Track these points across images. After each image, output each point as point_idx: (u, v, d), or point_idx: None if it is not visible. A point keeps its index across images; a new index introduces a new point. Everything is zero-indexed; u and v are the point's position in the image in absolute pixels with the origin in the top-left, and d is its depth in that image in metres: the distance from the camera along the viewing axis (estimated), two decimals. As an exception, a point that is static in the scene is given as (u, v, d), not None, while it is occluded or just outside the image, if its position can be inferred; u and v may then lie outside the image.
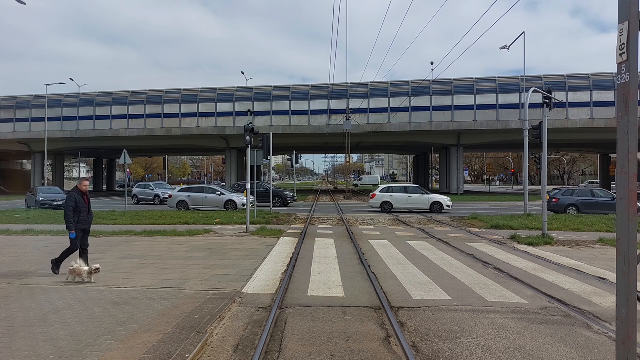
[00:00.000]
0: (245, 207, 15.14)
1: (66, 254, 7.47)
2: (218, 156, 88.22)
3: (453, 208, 23.00)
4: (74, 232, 7.23)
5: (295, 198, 30.24)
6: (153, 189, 31.33)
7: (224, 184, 53.34)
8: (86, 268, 6.86)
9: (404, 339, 4.40)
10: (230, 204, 23.07)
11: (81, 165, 79.76)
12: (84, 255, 7.47)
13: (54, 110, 45.10)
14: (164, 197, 28.71)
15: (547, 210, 21.76)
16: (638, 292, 2.65)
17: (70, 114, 45.24)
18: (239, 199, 23.03)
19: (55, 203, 24.99)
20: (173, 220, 17.00)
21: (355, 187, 70.35)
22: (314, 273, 7.69)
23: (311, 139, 44.95)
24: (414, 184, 67.03)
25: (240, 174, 47.50)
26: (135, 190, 32.22)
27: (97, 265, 6.94)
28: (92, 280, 6.84)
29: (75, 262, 6.99)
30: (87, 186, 7.70)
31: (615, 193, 24.98)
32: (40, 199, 25.23)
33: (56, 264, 7.46)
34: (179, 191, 25.08)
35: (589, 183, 66.92)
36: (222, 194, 23.82)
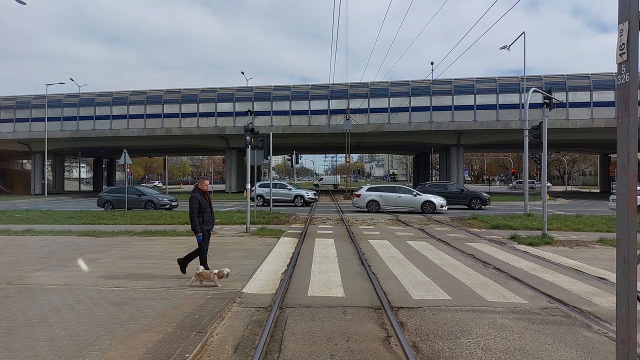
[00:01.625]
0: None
1: (193, 255, 7.30)
2: (218, 156, 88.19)
3: (453, 208, 22.98)
4: (200, 234, 7.02)
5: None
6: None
7: (155, 184, 53.13)
8: (216, 271, 6.60)
9: (404, 339, 4.40)
10: (427, 205, 21.97)
11: (81, 165, 79.83)
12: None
13: (54, 110, 45.10)
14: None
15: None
16: (638, 292, 2.65)
17: (70, 114, 45.23)
18: (437, 200, 22.35)
19: (174, 203, 24.59)
20: (173, 220, 17.00)
21: (316, 187, 69.96)
22: (314, 273, 7.69)
23: (311, 139, 44.95)
24: (414, 184, 66.90)
25: (240, 174, 47.51)
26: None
27: (228, 270, 6.71)
28: (219, 285, 6.57)
29: (204, 266, 6.84)
30: (208, 185, 7.50)
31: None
32: (160, 199, 24.31)
33: (183, 264, 7.32)
34: (367, 190, 23.86)
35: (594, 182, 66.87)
36: (417, 194, 22.89)
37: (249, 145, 14.76)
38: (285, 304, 5.77)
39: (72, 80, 49.41)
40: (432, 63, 70.36)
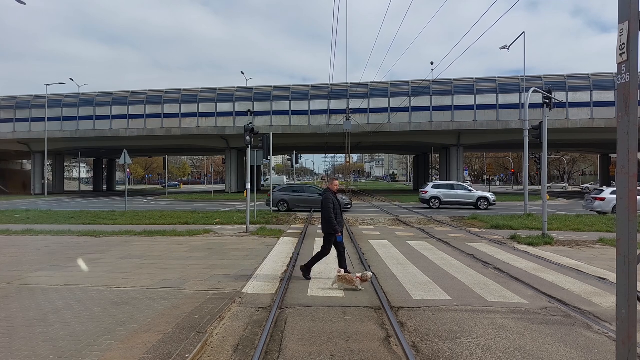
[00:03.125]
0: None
1: (316, 259, 7.20)
2: (218, 156, 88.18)
3: (453, 208, 23.00)
4: (340, 234, 6.97)
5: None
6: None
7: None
8: (358, 275, 6.44)
9: (404, 339, 4.40)
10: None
11: (81, 165, 79.82)
12: (342, 259, 7.09)
13: (53, 110, 45.10)
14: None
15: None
16: (638, 292, 2.65)
17: (70, 114, 45.24)
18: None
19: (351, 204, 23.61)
20: (173, 220, 17.00)
21: (263, 187, 69.76)
22: (314, 273, 7.69)
23: (311, 139, 44.94)
24: (414, 184, 66.97)
25: (240, 174, 47.51)
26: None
27: (371, 274, 6.56)
28: (362, 288, 6.39)
29: (342, 269, 6.67)
30: (338, 186, 7.43)
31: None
32: (342, 199, 21.28)
33: (307, 270, 7.19)
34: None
35: (593, 184, 66.96)
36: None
37: (249, 145, 14.76)
38: (285, 304, 5.77)
39: (72, 80, 49.43)
40: (432, 63, 70.39)
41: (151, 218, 17.76)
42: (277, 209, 22.41)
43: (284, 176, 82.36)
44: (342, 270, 6.65)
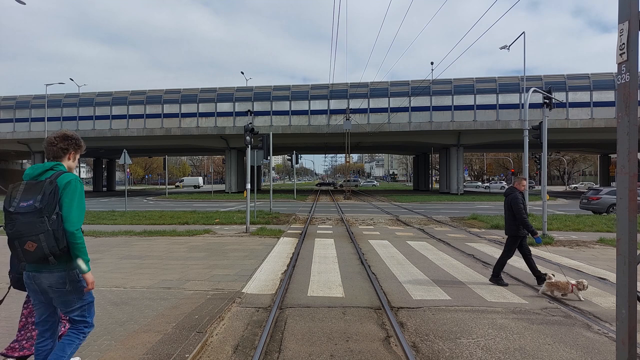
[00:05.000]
0: None
1: (503, 261, 6.95)
2: (218, 156, 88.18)
3: (452, 208, 22.96)
4: (539, 236, 6.80)
5: None
6: None
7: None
8: (574, 282, 5.92)
9: (404, 339, 4.39)
10: None
11: (81, 165, 79.78)
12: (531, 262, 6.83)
13: (53, 110, 45.10)
14: None
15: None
16: (638, 292, 2.65)
17: (70, 114, 45.25)
18: None
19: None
20: (173, 220, 17.00)
21: (177, 187, 69.44)
22: (314, 273, 7.69)
23: (311, 139, 44.95)
24: (414, 184, 66.73)
25: (240, 174, 47.50)
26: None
27: (586, 282, 5.94)
28: (581, 298, 5.84)
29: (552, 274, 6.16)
30: (525, 186, 7.35)
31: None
32: None
33: (497, 278, 6.86)
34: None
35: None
36: None
37: (249, 145, 14.76)
38: (285, 304, 5.76)
39: (72, 80, 49.40)
40: (432, 63, 70.42)
41: (151, 218, 17.76)
42: (606, 212, 19.50)
43: (200, 177, 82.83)
44: (553, 276, 6.11)
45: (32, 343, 3.39)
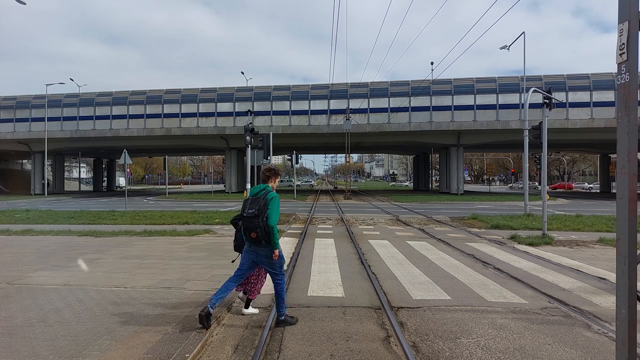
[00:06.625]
0: None
1: None
2: (218, 156, 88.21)
3: (452, 208, 22.96)
4: None
5: None
6: None
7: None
8: None
9: (404, 339, 4.40)
10: None
11: (81, 165, 79.81)
12: None
13: (53, 110, 45.12)
14: None
15: None
16: (638, 292, 2.65)
17: (70, 114, 45.26)
18: None
19: None
20: (173, 220, 17.00)
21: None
22: (314, 273, 7.69)
23: (311, 139, 44.96)
24: (414, 184, 66.64)
25: (240, 174, 47.51)
26: None
27: None
28: None
29: None
30: None
31: None
32: None
33: None
34: None
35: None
36: None
37: (249, 145, 14.77)
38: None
39: (72, 80, 49.45)
40: (432, 63, 70.46)
41: (151, 218, 17.76)
42: None
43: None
44: None
45: (258, 289, 5.26)
